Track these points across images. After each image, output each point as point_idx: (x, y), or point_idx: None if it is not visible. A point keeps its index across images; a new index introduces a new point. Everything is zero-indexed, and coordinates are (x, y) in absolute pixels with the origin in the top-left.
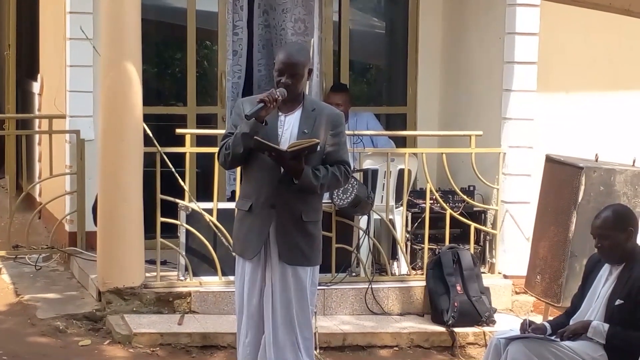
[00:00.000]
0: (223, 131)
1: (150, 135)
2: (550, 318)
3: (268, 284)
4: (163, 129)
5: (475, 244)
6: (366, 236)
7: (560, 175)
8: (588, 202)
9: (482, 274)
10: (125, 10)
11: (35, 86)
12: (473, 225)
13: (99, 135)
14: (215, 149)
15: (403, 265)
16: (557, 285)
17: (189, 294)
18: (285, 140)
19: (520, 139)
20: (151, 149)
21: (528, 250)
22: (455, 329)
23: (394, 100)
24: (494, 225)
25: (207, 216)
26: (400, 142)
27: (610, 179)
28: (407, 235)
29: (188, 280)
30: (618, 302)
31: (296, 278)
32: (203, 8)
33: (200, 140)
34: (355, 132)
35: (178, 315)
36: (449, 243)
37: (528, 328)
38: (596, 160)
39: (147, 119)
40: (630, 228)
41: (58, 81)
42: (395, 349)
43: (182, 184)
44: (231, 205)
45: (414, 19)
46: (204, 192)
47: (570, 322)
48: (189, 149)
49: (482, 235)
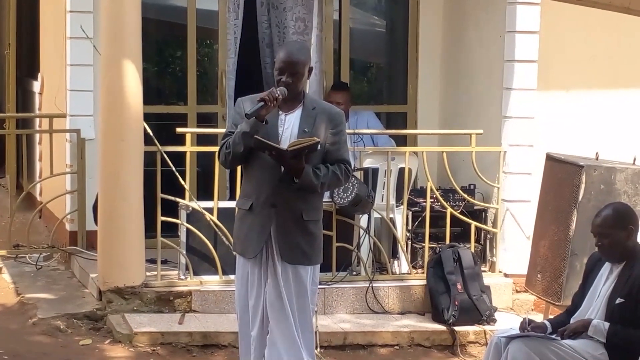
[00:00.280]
0: (223, 130)
1: (151, 134)
2: (550, 317)
3: (269, 283)
4: (163, 128)
5: (475, 242)
6: (367, 235)
7: (561, 174)
8: (588, 201)
9: (483, 273)
10: (126, 9)
11: (36, 85)
12: (473, 223)
13: (99, 135)
14: (215, 148)
15: (403, 264)
16: (558, 284)
17: (189, 293)
18: (285, 139)
19: (520, 137)
20: (151, 148)
21: (528, 248)
22: (456, 328)
23: (394, 98)
24: (494, 224)
25: (208, 215)
26: (401, 141)
27: (610, 178)
28: (408, 234)
29: (189, 279)
30: (619, 301)
31: (297, 277)
32: (203, 7)
33: (201, 139)
34: (356, 131)
35: (179, 314)
36: (450, 242)
37: (527, 327)
38: (596, 158)
39: (148, 118)
40: (630, 226)
41: (58, 80)
42: (395, 347)
43: (183, 183)
44: (232, 204)
45: (414, 17)
46: (204, 191)
47: (571, 321)
48: (190, 148)
49: (483, 234)
